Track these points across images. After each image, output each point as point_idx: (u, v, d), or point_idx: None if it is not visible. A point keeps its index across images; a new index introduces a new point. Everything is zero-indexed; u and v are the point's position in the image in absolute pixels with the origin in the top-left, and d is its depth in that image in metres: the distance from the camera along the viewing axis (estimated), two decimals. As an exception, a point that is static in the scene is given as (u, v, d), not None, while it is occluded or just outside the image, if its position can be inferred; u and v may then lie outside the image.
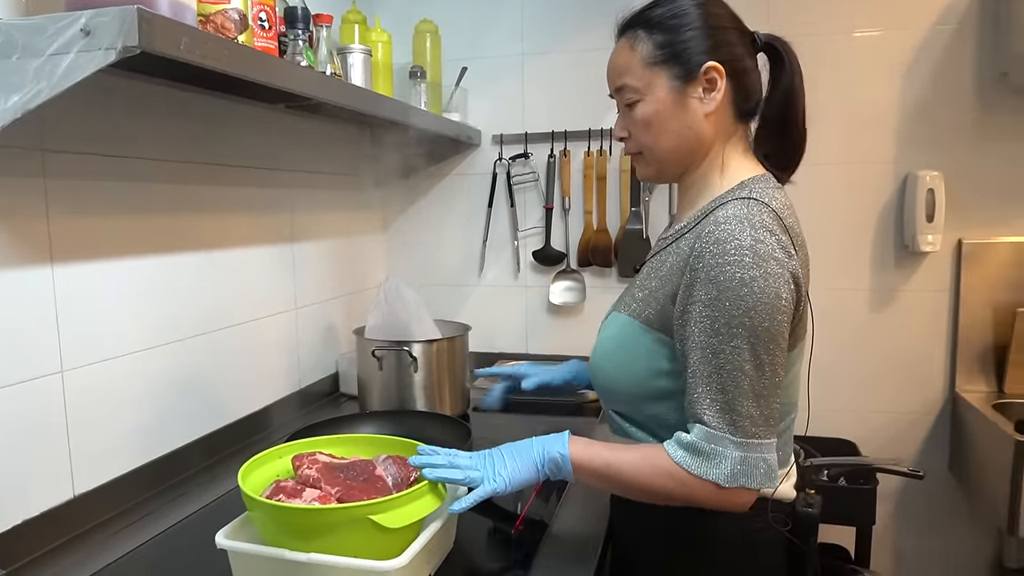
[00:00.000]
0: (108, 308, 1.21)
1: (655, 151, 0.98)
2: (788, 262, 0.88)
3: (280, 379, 1.73)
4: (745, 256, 0.85)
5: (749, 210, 0.89)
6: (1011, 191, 1.88)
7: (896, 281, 1.97)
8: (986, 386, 1.92)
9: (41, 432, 1.10)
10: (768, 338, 0.86)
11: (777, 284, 0.86)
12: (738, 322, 0.85)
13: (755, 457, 0.86)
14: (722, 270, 0.86)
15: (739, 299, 0.85)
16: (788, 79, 0.98)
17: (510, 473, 0.95)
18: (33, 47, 0.82)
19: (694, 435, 0.88)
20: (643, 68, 0.95)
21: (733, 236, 0.86)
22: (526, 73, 2.12)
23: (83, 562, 1.06)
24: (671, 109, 0.95)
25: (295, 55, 1.28)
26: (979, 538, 1.98)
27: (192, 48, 0.89)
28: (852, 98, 1.91)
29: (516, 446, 0.97)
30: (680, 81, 0.94)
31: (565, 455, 0.94)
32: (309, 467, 0.98)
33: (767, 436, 0.87)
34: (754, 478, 0.86)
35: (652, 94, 0.95)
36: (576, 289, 2.13)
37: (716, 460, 0.86)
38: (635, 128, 0.99)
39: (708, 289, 0.87)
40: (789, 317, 0.88)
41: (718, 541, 0.98)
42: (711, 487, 0.87)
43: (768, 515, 0.97)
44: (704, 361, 0.87)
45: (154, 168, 1.31)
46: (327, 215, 1.95)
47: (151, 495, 1.29)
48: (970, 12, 1.86)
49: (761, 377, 0.86)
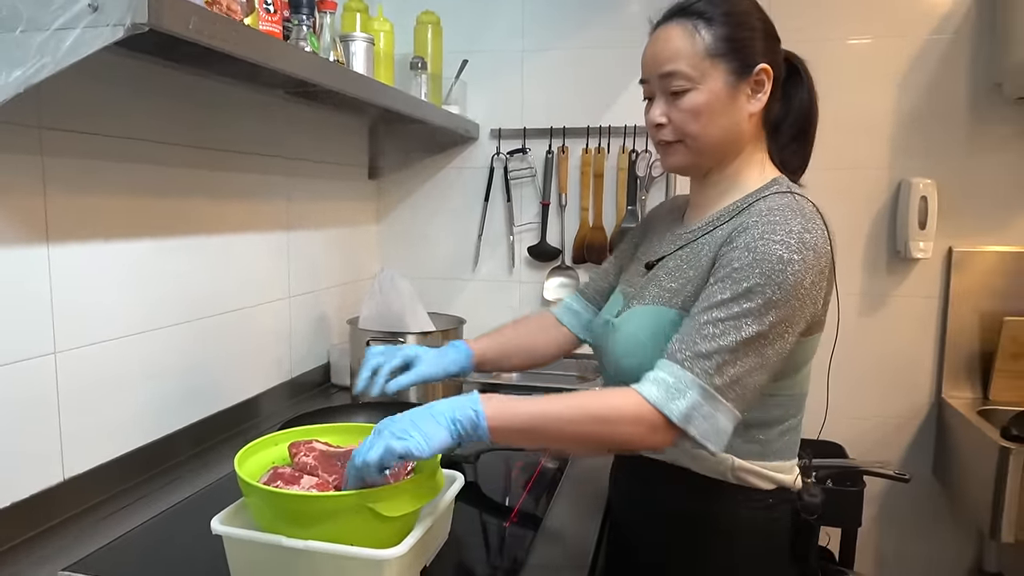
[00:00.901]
0: (103, 290, 1.20)
1: (700, 141, 0.98)
2: (823, 256, 0.90)
3: (272, 367, 1.72)
4: (791, 239, 0.87)
5: (798, 202, 0.92)
6: (1001, 201, 1.91)
7: (887, 286, 1.99)
8: (972, 393, 1.95)
9: (33, 414, 1.08)
10: (777, 318, 0.86)
11: (808, 273, 0.87)
12: (760, 290, 0.86)
13: (707, 409, 0.85)
14: (765, 244, 0.87)
15: (772, 273, 0.86)
16: (804, 95, 1.02)
17: (426, 437, 0.84)
18: (38, 21, 0.81)
19: (660, 368, 0.87)
20: (701, 57, 0.95)
21: (786, 220, 0.89)
22: (526, 68, 2.12)
23: (73, 545, 1.05)
24: (723, 102, 0.96)
25: (299, 40, 1.27)
26: (960, 542, 2.01)
27: (200, 28, 0.88)
28: (847, 104, 1.93)
29: (418, 412, 0.88)
30: (735, 76, 0.95)
31: (480, 412, 0.86)
32: (306, 455, 0.98)
33: (727, 398, 0.85)
34: (700, 427, 0.84)
35: (706, 84, 0.95)
36: (570, 286, 2.13)
37: (677, 396, 0.84)
38: (680, 116, 0.97)
39: (743, 256, 0.88)
40: (806, 307, 0.89)
41: (740, 529, 1.00)
42: (656, 419, 0.84)
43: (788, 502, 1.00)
44: (707, 311, 0.88)
45: (152, 150, 1.30)
46: (323, 204, 1.94)
47: (141, 480, 1.27)
48: (965, 23, 1.88)
49: (754, 346, 0.86)
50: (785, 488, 1.00)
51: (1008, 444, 1.60)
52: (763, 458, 0.99)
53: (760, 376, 0.88)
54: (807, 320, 0.91)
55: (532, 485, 1.29)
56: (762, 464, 0.99)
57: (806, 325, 0.92)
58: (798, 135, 1.04)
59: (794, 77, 1.03)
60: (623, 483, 1.16)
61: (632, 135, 2.03)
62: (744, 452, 0.97)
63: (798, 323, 0.89)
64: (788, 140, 1.04)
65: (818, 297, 0.91)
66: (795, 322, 0.89)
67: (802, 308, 0.89)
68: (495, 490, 1.30)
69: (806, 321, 0.91)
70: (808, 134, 1.05)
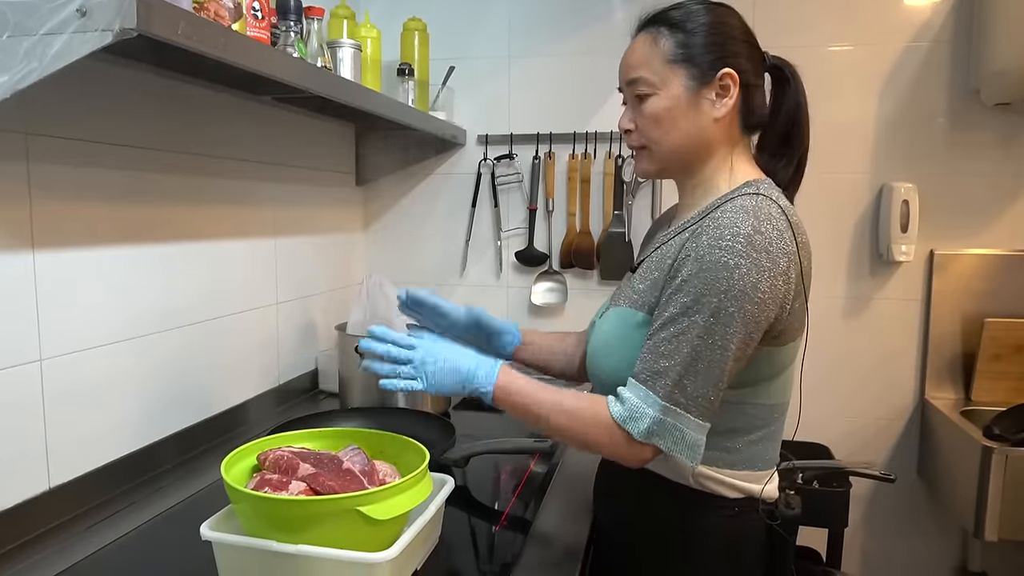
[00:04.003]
0: (89, 297, 1.19)
1: (662, 147, 1.00)
2: (781, 259, 0.89)
3: (259, 374, 1.71)
4: (738, 244, 0.87)
5: (756, 203, 0.91)
6: (981, 204, 1.94)
7: (870, 289, 2.02)
8: (954, 393, 1.97)
9: (17, 421, 1.07)
10: (728, 322, 0.87)
11: (759, 276, 0.87)
12: (706, 300, 0.87)
13: (671, 423, 0.88)
14: (711, 252, 0.88)
15: (716, 281, 0.87)
16: (793, 100, 1.02)
17: (437, 380, 0.97)
18: (25, 26, 0.81)
19: (627, 388, 0.92)
20: (662, 64, 0.97)
21: (734, 223, 0.89)
22: (513, 75, 2.13)
23: (59, 555, 1.04)
24: (683, 108, 0.97)
25: (286, 46, 1.27)
26: (944, 541, 2.04)
27: (189, 33, 0.88)
28: (829, 110, 1.96)
29: (452, 358, 0.98)
30: (696, 82, 0.96)
31: (492, 380, 0.97)
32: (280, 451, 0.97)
33: (690, 412, 0.88)
34: (667, 441, 0.89)
35: (667, 90, 0.97)
36: (558, 290, 2.14)
37: (637, 415, 0.89)
38: (644, 122, 1.00)
39: (692, 267, 0.90)
40: (763, 310, 0.89)
41: (702, 535, 1.00)
42: (622, 436, 0.90)
43: (756, 511, 0.99)
44: (662, 327, 0.91)
45: (139, 156, 1.29)
46: (310, 210, 1.94)
47: (128, 488, 1.26)
48: (943, 31, 1.91)
49: (707, 356, 0.88)
50: (753, 498, 0.99)
51: (990, 444, 1.62)
52: (729, 466, 0.98)
53: (720, 380, 0.89)
54: (770, 324, 0.91)
55: (521, 489, 1.29)
56: (727, 472, 0.98)
57: (772, 330, 0.92)
58: (784, 141, 1.04)
59: (782, 83, 1.03)
60: (601, 482, 1.17)
61: (618, 141, 2.04)
62: (706, 459, 0.95)
63: (756, 328, 0.89)
64: (775, 147, 1.04)
65: (780, 300, 0.90)
66: (752, 327, 0.89)
67: (759, 312, 0.88)
68: (484, 494, 1.30)
69: (769, 324, 0.91)
70: (795, 143, 1.04)
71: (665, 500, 1.01)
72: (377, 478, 0.96)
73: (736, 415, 0.97)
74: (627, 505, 1.07)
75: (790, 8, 1.97)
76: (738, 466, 0.99)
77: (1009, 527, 1.62)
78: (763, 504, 1.00)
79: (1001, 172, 1.92)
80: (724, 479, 0.98)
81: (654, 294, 0.97)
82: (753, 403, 0.98)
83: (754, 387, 0.97)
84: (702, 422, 0.89)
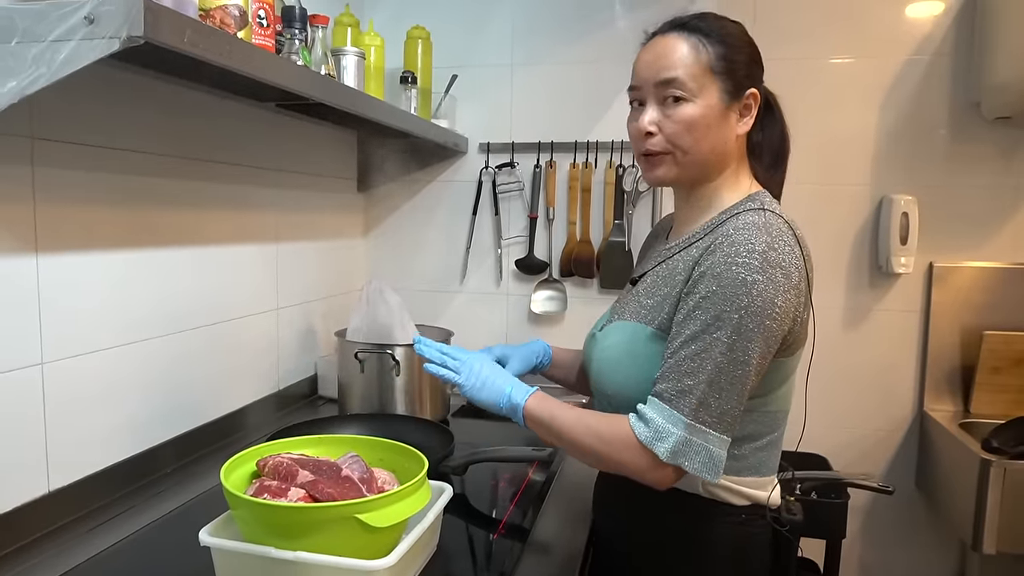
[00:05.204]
0: (92, 301, 1.20)
1: (689, 155, 0.99)
2: (794, 273, 0.91)
3: (259, 380, 1.71)
4: (754, 260, 0.89)
5: (766, 220, 0.93)
6: (980, 217, 1.95)
7: (869, 301, 2.02)
8: (953, 405, 1.97)
9: (18, 425, 1.07)
10: (750, 338, 0.88)
11: (776, 292, 0.89)
12: (727, 316, 0.88)
13: (698, 443, 0.89)
14: (728, 269, 0.89)
15: (736, 297, 0.88)
16: (778, 128, 1.06)
17: (479, 391, 1.06)
18: (33, 32, 0.81)
19: (649, 407, 0.92)
20: (703, 71, 0.96)
21: (748, 240, 0.90)
22: (515, 83, 2.14)
23: (58, 558, 1.04)
24: (716, 119, 0.98)
25: (291, 54, 1.28)
26: (943, 553, 2.03)
27: (195, 41, 0.89)
28: (830, 122, 1.97)
29: (496, 378, 1.06)
30: (729, 96, 0.98)
31: (523, 402, 1.03)
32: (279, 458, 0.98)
33: (715, 429, 0.89)
34: (693, 461, 0.89)
35: (703, 98, 0.97)
36: (557, 299, 2.15)
37: (663, 434, 0.89)
38: (673, 127, 0.98)
39: (709, 284, 0.90)
40: (781, 325, 0.91)
41: (710, 543, 1.00)
42: (648, 457, 0.90)
43: (763, 518, 1.00)
44: (683, 345, 0.91)
45: (143, 161, 1.30)
46: (312, 216, 1.94)
47: (127, 492, 1.26)
48: (944, 44, 1.92)
49: (730, 372, 0.89)
50: (760, 505, 1.00)
51: (989, 456, 1.63)
52: (737, 473, 0.99)
53: (741, 395, 0.90)
54: (784, 338, 0.92)
55: (519, 497, 1.29)
56: (735, 480, 0.99)
57: (784, 341, 0.93)
58: (776, 162, 1.08)
59: (769, 109, 1.06)
60: (603, 493, 1.17)
61: (619, 150, 2.05)
62: None
63: (774, 342, 0.91)
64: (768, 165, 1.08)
65: (793, 313, 0.92)
66: (771, 342, 0.91)
67: (777, 327, 0.90)
68: (483, 502, 1.30)
69: (783, 339, 0.92)
70: (785, 162, 1.09)
71: (671, 509, 1.01)
72: (376, 486, 0.97)
73: (746, 423, 0.98)
74: (627, 514, 1.07)
75: (791, 20, 1.98)
76: (744, 472, 0.99)
77: (1007, 540, 1.62)
78: (769, 510, 1.00)
79: (1001, 185, 1.93)
80: (732, 486, 0.99)
81: (664, 310, 0.98)
82: (762, 411, 0.99)
83: (764, 396, 0.98)
84: (726, 437, 0.90)
